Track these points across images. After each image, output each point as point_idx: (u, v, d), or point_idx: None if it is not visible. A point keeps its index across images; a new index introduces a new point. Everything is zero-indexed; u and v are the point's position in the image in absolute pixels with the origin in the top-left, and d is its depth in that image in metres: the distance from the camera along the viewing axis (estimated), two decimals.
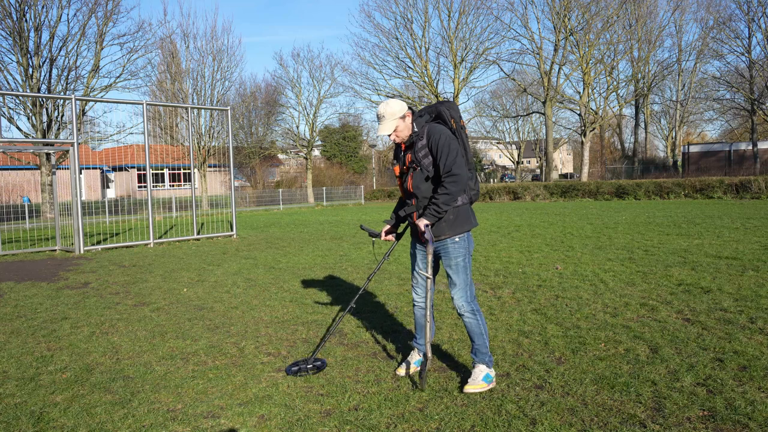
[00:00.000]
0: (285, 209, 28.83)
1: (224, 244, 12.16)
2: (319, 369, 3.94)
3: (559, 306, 5.49)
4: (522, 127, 54.74)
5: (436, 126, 3.54)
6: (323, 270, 8.19)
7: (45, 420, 3.28)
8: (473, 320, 3.57)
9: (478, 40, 34.11)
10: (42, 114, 23.17)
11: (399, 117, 3.52)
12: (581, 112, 34.41)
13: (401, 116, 3.53)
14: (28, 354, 4.54)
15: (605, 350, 4.14)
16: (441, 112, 3.61)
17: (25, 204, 21.75)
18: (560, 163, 75.22)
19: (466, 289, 3.58)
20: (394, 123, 3.53)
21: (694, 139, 59.81)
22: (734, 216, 14.21)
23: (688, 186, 23.72)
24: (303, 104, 35.36)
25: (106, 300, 6.57)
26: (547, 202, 25.52)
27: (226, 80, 32.23)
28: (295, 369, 3.93)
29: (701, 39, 38.70)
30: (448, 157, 3.40)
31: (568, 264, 7.86)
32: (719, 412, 3.08)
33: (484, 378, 3.50)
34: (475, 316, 3.58)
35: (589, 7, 32.42)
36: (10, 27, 22.15)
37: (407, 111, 3.56)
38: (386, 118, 3.52)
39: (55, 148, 13.70)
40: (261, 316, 5.58)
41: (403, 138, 3.58)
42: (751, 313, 4.94)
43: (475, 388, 3.46)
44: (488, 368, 3.56)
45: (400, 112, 3.52)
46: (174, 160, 36.12)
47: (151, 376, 3.94)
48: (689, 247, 8.95)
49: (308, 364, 3.96)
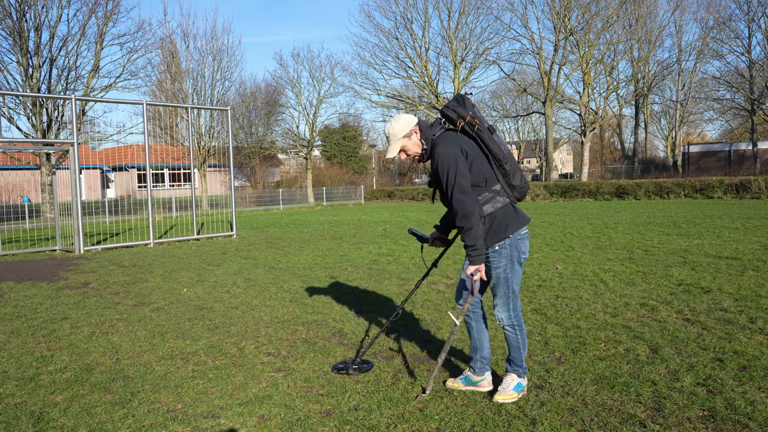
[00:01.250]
0: (285, 209, 28.83)
1: (224, 244, 12.16)
2: (363, 371, 3.85)
3: (559, 306, 5.49)
4: (522, 127, 54.85)
5: (441, 141, 3.25)
6: (323, 270, 8.18)
7: (45, 420, 3.28)
8: (512, 334, 3.38)
9: (478, 40, 34.16)
10: (42, 114, 23.17)
11: (403, 137, 3.33)
12: (581, 112, 34.41)
13: (406, 135, 3.33)
14: (28, 354, 4.54)
15: (605, 350, 4.14)
16: (448, 116, 3.31)
17: (25, 204, 21.75)
18: (560, 163, 75.21)
19: (508, 303, 3.33)
20: (399, 144, 3.34)
21: (694, 139, 59.81)
22: (734, 216, 14.22)
23: (688, 186, 23.72)
24: (303, 104, 35.38)
25: (106, 300, 6.57)
26: (547, 202, 25.52)
27: (226, 80, 32.26)
28: (341, 366, 3.92)
29: (701, 39, 38.72)
30: (447, 182, 3.16)
31: (568, 264, 7.86)
32: (719, 412, 3.08)
33: (515, 387, 3.35)
34: (515, 330, 3.37)
35: (589, 7, 32.42)
36: (10, 27, 22.15)
37: (413, 127, 3.33)
38: (391, 140, 3.35)
39: (55, 148, 13.70)
40: (261, 316, 5.58)
41: (417, 155, 3.37)
42: (751, 313, 4.94)
43: (506, 398, 3.31)
44: (520, 377, 3.38)
45: (404, 131, 3.32)
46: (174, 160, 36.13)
47: (151, 376, 3.94)
48: (689, 247, 8.95)
49: (354, 365, 3.91)
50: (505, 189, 3.28)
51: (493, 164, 3.28)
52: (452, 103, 3.30)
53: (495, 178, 3.27)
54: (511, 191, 3.30)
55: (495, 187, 3.26)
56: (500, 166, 3.27)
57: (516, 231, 3.26)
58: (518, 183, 3.30)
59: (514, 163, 3.31)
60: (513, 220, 3.26)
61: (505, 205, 3.26)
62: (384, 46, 39.38)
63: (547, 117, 34.68)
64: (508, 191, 3.29)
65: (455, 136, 3.27)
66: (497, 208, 3.24)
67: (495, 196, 3.25)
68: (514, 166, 3.29)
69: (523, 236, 3.31)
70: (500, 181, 3.27)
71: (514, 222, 3.26)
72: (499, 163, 3.27)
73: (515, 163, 3.31)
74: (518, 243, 3.28)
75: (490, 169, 3.27)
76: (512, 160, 3.30)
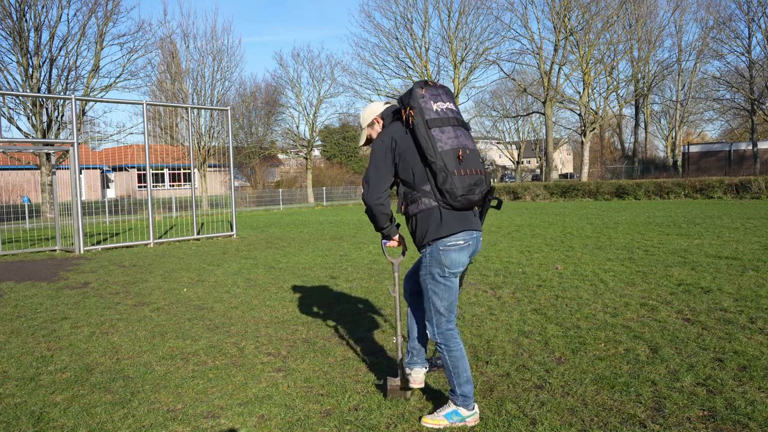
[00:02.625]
0: (285, 209, 28.83)
1: (224, 244, 12.16)
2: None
3: (559, 306, 5.49)
4: (522, 127, 54.79)
5: (381, 132, 3.11)
6: (323, 270, 8.18)
7: (45, 420, 3.28)
8: (441, 353, 3.08)
9: (478, 40, 34.19)
10: (42, 114, 23.18)
11: (367, 126, 3.24)
12: (581, 112, 34.42)
13: (369, 124, 3.23)
14: (28, 354, 4.54)
15: (605, 350, 4.14)
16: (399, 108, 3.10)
17: (25, 204, 21.76)
18: (560, 163, 75.23)
19: (431, 316, 3.03)
20: (365, 133, 3.27)
21: (694, 139, 59.81)
22: (734, 216, 14.21)
23: (688, 186, 23.72)
24: (303, 104, 35.41)
25: (106, 300, 6.57)
26: (547, 202, 25.52)
27: (226, 80, 32.32)
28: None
29: (701, 39, 38.74)
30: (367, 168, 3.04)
31: (568, 264, 7.86)
32: (719, 412, 3.08)
33: (447, 414, 3.03)
34: (442, 350, 3.05)
35: (589, 7, 32.44)
36: (10, 27, 22.16)
37: (376, 116, 3.19)
38: (361, 128, 3.31)
39: (55, 148, 13.70)
40: (261, 316, 5.58)
41: None
42: (751, 313, 4.94)
43: (430, 422, 3.04)
44: (456, 405, 3.03)
45: (367, 120, 3.23)
46: (174, 160, 36.14)
47: (151, 376, 3.94)
48: (689, 247, 8.95)
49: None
50: (433, 191, 2.89)
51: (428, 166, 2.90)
52: (406, 93, 3.01)
53: (425, 177, 2.91)
54: (440, 195, 2.87)
55: (424, 187, 2.91)
56: (427, 164, 2.88)
57: (437, 240, 2.89)
58: (448, 188, 2.82)
59: (454, 165, 2.84)
60: (435, 228, 2.88)
61: (430, 208, 2.89)
62: (384, 46, 39.48)
63: (547, 117, 34.69)
64: (437, 195, 2.88)
65: (394, 126, 3.04)
66: (420, 210, 2.92)
67: (421, 197, 2.91)
68: (449, 169, 2.82)
69: (448, 248, 2.89)
70: (429, 182, 2.90)
71: (435, 229, 2.88)
72: (425, 161, 2.88)
73: (456, 166, 2.84)
74: (439, 254, 2.90)
75: (422, 166, 2.91)
76: (450, 160, 2.83)
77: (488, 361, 3.98)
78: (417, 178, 2.93)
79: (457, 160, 2.86)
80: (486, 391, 3.48)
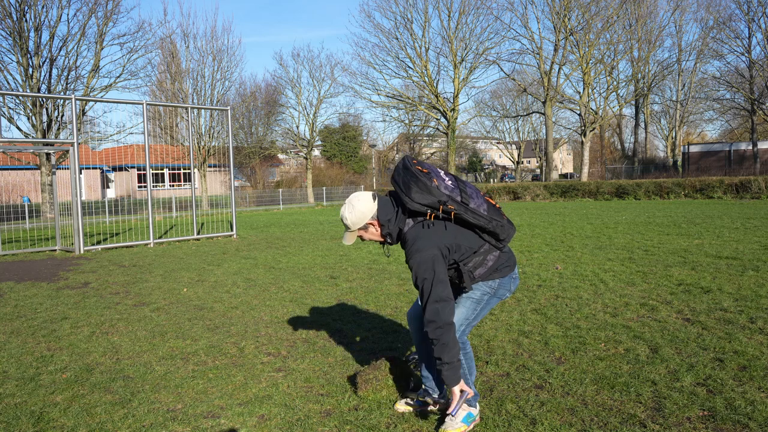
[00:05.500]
0: (285, 209, 28.83)
1: (224, 244, 12.16)
2: None
3: (559, 306, 5.49)
4: (522, 127, 54.80)
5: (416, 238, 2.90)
6: (323, 270, 8.18)
7: (45, 420, 3.28)
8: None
9: (478, 40, 34.15)
10: (42, 114, 23.18)
11: (359, 229, 3.05)
12: (581, 112, 34.41)
13: (362, 228, 3.04)
14: (28, 354, 4.54)
15: (605, 350, 4.14)
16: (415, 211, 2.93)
17: (25, 204, 21.76)
18: (560, 163, 75.22)
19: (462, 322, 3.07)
20: (354, 235, 3.08)
21: (694, 139, 59.81)
22: (734, 216, 14.21)
23: (688, 186, 23.72)
24: (303, 104, 35.39)
25: (106, 300, 6.57)
26: (547, 202, 25.52)
27: (226, 80, 32.27)
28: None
29: (701, 39, 38.75)
30: (423, 290, 2.83)
31: (568, 264, 7.86)
32: (719, 412, 3.08)
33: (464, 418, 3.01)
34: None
35: (589, 7, 32.43)
36: (10, 27, 22.15)
37: (370, 220, 3.00)
38: (347, 227, 3.05)
39: (55, 148, 13.70)
40: (261, 316, 5.58)
41: (379, 238, 3.08)
42: (751, 313, 4.94)
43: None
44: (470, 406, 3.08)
45: (358, 225, 3.01)
46: (174, 160, 36.17)
47: (151, 376, 3.94)
48: (689, 247, 8.95)
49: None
50: (492, 244, 3.02)
51: (478, 232, 3.00)
52: (415, 193, 2.86)
53: (481, 241, 3.00)
54: (498, 242, 3.02)
55: (482, 248, 3.00)
56: (485, 232, 2.99)
57: (500, 276, 3.05)
58: (505, 236, 3.00)
59: (496, 216, 2.97)
60: (504, 264, 3.07)
61: (497, 258, 3.03)
62: (384, 46, 39.48)
63: (547, 117, 34.68)
64: (496, 244, 3.03)
65: (431, 232, 2.90)
66: (489, 267, 3.01)
67: (483, 257, 3.00)
68: (497, 223, 2.95)
69: (515, 278, 3.13)
70: (486, 241, 3.01)
71: (505, 265, 3.07)
72: (483, 230, 2.97)
73: (496, 215, 2.97)
74: (510, 282, 3.10)
75: (476, 236, 2.99)
76: (492, 219, 2.94)
77: (488, 361, 3.98)
78: (476, 247, 2.98)
79: (496, 210, 3.02)
80: (486, 391, 3.48)
